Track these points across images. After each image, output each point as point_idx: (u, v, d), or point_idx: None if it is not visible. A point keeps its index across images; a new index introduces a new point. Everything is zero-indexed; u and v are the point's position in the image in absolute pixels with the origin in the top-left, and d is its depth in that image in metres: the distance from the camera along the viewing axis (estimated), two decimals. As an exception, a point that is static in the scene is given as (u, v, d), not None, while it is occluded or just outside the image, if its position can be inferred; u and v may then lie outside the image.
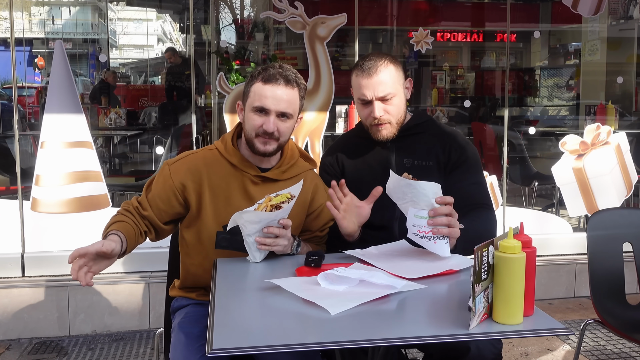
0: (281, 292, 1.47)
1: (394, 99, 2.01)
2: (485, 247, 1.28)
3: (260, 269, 1.74)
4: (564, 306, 3.88)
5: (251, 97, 1.85)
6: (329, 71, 3.87)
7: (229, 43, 5.64)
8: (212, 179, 1.89)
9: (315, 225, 2.01)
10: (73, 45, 7.25)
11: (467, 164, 2.06)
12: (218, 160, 1.91)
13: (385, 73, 1.98)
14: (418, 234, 1.72)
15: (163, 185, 1.90)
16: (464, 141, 2.12)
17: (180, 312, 1.96)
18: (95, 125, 5.20)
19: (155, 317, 3.49)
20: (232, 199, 1.88)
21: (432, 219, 1.68)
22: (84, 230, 3.52)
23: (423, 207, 1.69)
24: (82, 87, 7.63)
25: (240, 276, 1.70)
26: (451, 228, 1.69)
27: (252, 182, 1.90)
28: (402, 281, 1.50)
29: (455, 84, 6.88)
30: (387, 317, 1.36)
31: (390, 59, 2.02)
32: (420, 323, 1.35)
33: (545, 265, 3.97)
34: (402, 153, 2.08)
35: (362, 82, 1.99)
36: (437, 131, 2.13)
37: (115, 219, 1.86)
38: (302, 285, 1.50)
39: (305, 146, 3.93)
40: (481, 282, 1.26)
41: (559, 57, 7.02)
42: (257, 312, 1.41)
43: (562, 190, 4.24)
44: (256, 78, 1.84)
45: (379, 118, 2.00)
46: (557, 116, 6.41)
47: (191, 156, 1.93)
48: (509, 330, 1.28)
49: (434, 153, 2.06)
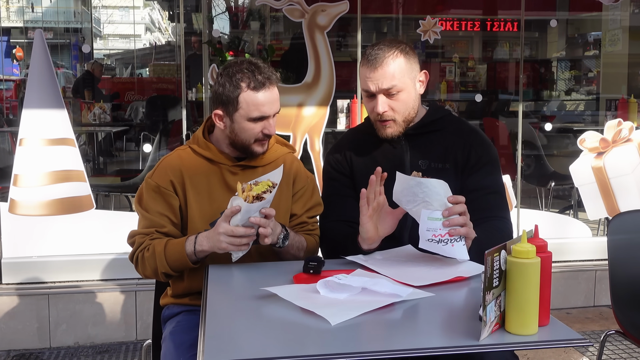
0: (277, 300, 1.47)
1: (401, 94, 1.95)
2: (497, 252, 1.28)
3: (255, 276, 1.75)
4: (583, 316, 3.88)
5: (244, 109, 1.89)
6: (330, 63, 3.88)
7: (222, 33, 5.64)
8: (192, 177, 1.94)
9: (299, 207, 2.04)
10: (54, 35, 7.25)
11: (486, 169, 2.01)
12: (194, 158, 1.98)
13: (392, 65, 1.93)
14: (433, 239, 1.70)
15: (155, 196, 1.93)
16: (485, 141, 2.07)
17: (171, 321, 1.97)
18: (78, 121, 5.19)
19: (143, 328, 3.49)
20: (214, 194, 1.94)
21: (448, 219, 1.67)
22: (65, 234, 3.53)
23: (437, 207, 1.68)
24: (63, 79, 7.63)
25: (233, 283, 1.70)
26: (467, 227, 1.69)
27: (231, 173, 1.96)
28: (407, 289, 1.50)
29: (465, 77, 6.87)
30: (392, 328, 1.36)
31: (401, 49, 1.96)
32: (427, 334, 1.35)
33: (562, 271, 3.97)
34: (417, 153, 2.03)
35: (366, 74, 1.95)
36: (456, 128, 2.07)
37: (156, 244, 1.86)
38: (300, 294, 1.50)
39: (305, 143, 3.93)
40: (493, 290, 1.27)
41: (578, 48, 7.02)
42: (251, 322, 1.41)
43: (581, 191, 4.24)
44: (241, 88, 1.87)
45: (382, 114, 1.96)
46: (575, 111, 6.41)
47: (166, 159, 2.00)
48: (522, 342, 1.28)
49: (452, 154, 2.01)
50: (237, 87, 1.88)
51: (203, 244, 1.79)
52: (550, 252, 1.36)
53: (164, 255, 1.83)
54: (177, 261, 1.83)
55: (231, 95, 1.89)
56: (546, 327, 1.34)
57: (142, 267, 1.90)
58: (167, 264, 1.83)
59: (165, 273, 1.86)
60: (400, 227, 1.90)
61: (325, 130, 3.95)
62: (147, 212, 1.92)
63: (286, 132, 3.90)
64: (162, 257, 1.83)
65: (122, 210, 4.24)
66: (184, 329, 1.87)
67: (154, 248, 1.85)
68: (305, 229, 2.04)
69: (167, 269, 1.84)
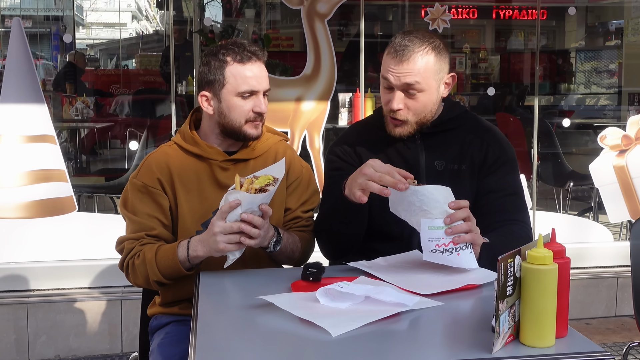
0: (274, 310, 1.46)
1: (421, 95, 1.91)
2: (511, 258, 1.28)
3: (250, 283, 1.74)
4: (604, 326, 3.88)
5: (231, 83, 1.90)
6: (331, 54, 3.88)
7: (215, 21, 5.65)
8: (181, 175, 1.94)
9: (294, 200, 2.03)
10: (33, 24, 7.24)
11: (504, 169, 2.00)
12: (181, 155, 1.97)
13: (420, 62, 1.88)
14: (437, 249, 1.69)
15: (141, 197, 1.92)
16: (503, 140, 2.06)
17: (160, 331, 1.97)
18: (59, 117, 5.20)
19: (129, 340, 3.49)
20: (205, 192, 1.94)
21: (450, 226, 1.67)
22: (45, 239, 3.53)
23: (437, 215, 1.68)
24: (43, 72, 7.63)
25: (227, 291, 1.70)
26: (473, 233, 1.69)
27: (222, 169, 1.96)
28: (414, 297, 1.50)
29: (477, 69, 6.88)
30: (397, 340, 1.36)
31: (434, 46, 1.91)
32: (436, 346, 1.35)
33: (581, 279, 3.97)
34: (432, 153, 2.00)
35: (390, 64, 1.90)
36: (472, 126, 2.05)
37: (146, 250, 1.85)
38: (299, 303, 1.50)
39: (303, 140, 3.93)
40: (506, 299, 1.27)
41: (598, 38, 7.02)
42: (246, 333, 1.41)
43: (602, 191, 4.24)
44: (226, 62, 1.90)
45: (396, 112, 1.92)
46: (595, 106, 6.42)
47: (151, 156, 1.99)
48: (538, 355, 1.28)
49: (469, 154, 2.00)
50: (223, 62, 1.90)
51: (197, 249, 1.77)
52: (568, 257, 1.37)
53: (155, 263, 1.81)
54: (169, 268, 1.81)
55: (217, 72, 1.91)
56: (564, 338, 1.34)
57: (133, 276, 1.88)
58: (159, 272, 1.81)
59: (158, 281, 1.84)
60: (409, 230, 1.87)
61: (325, 127, 3.96)
62: (134, 215, 1.91)
63: (284, 129, 3.90)
64: (153, 265, 1.81)
65: (107, 212, 4.24)
66: (173, 341, 1.88)
67: (144, 255, 1.83)
68: (300, 224, 2.03)
69: (159, 277, 1.82)
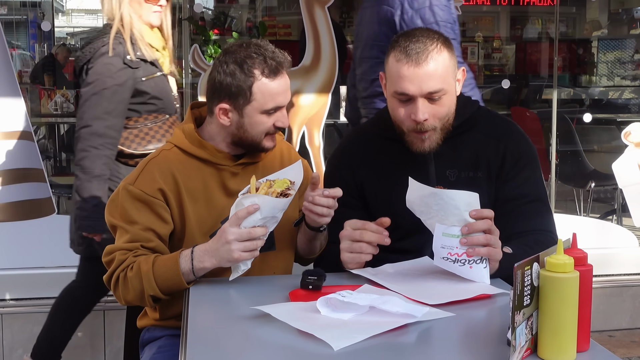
0: (271, 321, 1.46)
1: (445, 98, 1.86)
2: (528, 265, 1.28)
3: (245, 293, 1.74)
4: (628, 339, 3.88)
5: (258, 100, 1.85)
6: (332, 43, 3.87)
7: (205, 7, 5.64)
8: (187, 183, 1.90)
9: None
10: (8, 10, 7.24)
11: (525, 172, 1.96)
12: (184, 159, 1.92)
13: (437, 62, 1.83)
14: (449, 258, 1.69)
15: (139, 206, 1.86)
16: (523, 138, 2.03)
17: (151, 345, 1.96)
18: (37, 111, 5.19)
19: (113, 353, 3.49)
20: (213, 201, 1.91)
21: (466, 237, 1.66)
22: (22, 244, 3.52)
23: (454, 222, 1.67)
24: (20, 62, 7.63)
25: (219, 302, 1.70)
26: (490, 248, 1.67)
27: (232, 174, 1.94)
28: (423, 308, 1.50)
29: (490, 59, 6.89)
30: (405, 354, 1.36)
31: (442, 40, 1.87)
32: (447, 361, 1.35)
33: (604, 287, 3.97)
34: (443, 161, 1.96)
35: (406, 72, 1.82)
36: (487, 125, 2.01)
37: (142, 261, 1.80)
38: (298, 313, 1.50)
39: (302, 137, 3.93)
40: (523, 309, 1.27)
41: (622, 26, 7.03)
42: (241, 346, 1.41)
43: (626, 192, 4.24)
44: (254, 76, 1.83)
45: (423, 123, 1.85)
46: (619, 99, 6.41)
47: (152, 162, 1.92)
48: (558, 370, 1.28)
49: (485, 158, 1.96)
50: (250, 75, 1.83)
51: (204, 260, 1.74)
52: (590, 264, 1.37)
53: (153, 275, 1.76)
54: (168, 281, 1.76)
55: (243, 86, 1.84)
56: (586, 352, 1.34)
57: (123, 290, 1.81)
58: (157, 285, 1.76)
59: (154, 296, 1.79)
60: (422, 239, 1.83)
61: (326, 122, 3.95)
62: (128, 224, 1.84)
63: (281, 124, 3.89)
64: (150, 277, 1.76)
65: (89, 215, 4.23)
66: (165, 356, 1.86)
67: (139, 266, 1.77)
68: None
69: (156, 291, 1.77)
